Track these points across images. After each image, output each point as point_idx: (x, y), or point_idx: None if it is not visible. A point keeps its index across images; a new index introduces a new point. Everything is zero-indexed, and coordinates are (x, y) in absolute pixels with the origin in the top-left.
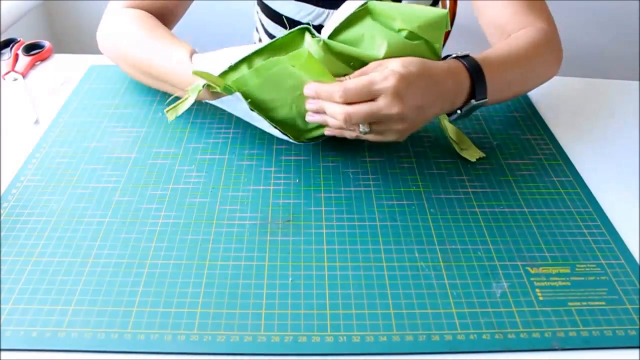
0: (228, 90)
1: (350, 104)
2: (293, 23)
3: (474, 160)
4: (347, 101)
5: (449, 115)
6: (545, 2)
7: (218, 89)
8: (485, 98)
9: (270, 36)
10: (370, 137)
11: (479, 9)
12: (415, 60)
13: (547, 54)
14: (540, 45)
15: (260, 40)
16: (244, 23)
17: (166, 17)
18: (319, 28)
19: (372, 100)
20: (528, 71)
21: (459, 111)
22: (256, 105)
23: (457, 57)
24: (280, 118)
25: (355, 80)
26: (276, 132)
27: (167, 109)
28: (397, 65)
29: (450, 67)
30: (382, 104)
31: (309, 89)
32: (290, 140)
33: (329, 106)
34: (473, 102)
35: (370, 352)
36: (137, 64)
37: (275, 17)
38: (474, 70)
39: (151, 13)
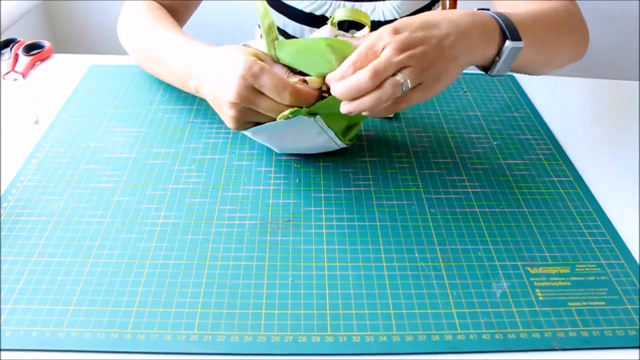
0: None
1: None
2: (295, 12)
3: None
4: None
5: (487, 69)
6: None
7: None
8: (521, 41)
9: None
10: (415, 95)
11: (504, 6)
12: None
13: (574, 28)
14: (566, 19)
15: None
16: (246, 20)
17: (177, 13)
18: (321, 18)
19: None
20: (557, 36)
21: (497, 58)
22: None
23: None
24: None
25: (356, 51)
26: (305, 148)
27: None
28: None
29: (470, 11)
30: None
31: (329, 81)
32: (334, 145)
33: (351, 79)
34: (508, 43)
35: (370, 352)
36: (142, 48)
37: (279, 6)
38: (499, 15)
39: (164, 8)
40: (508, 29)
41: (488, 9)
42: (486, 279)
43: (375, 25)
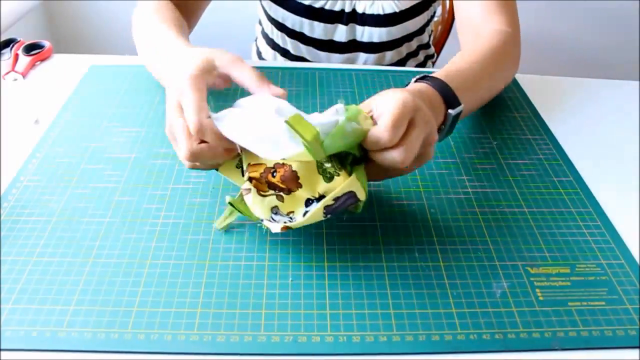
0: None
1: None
2: (294, 5)
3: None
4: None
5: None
6: (515, 2)
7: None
8: (460, 105)
9: (273, 21)
10: (416, 165)
11: (456, 7)
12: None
13: (508, 61)
14: (502, 53)
15: (262, 30)
16: (246, 19)
17: (188, 11)
18: (320, 11)
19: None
20: (494, 76)
21: (442, 126)
22: None
23: (417, 80)
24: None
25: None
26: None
27: (217, 221)
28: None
29: (420, 90)
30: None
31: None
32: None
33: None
34: (450, 112)
35: (370, 352)
36: (142, 45)
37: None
38: (439, 85)
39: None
40: (448, 97)
41: (425, 76)
42: (486, 279)
43: (374, 19)
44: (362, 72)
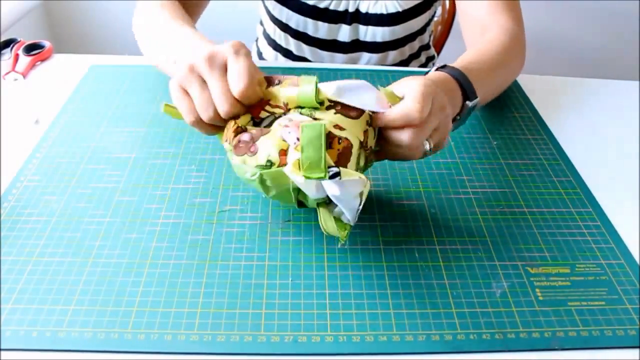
0: None
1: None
2: (299, 5)
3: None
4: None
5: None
6: (519, 2)
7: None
8: (477, 98)
9: (276, 22)
10: (431, 152)
11: (459, 6)
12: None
13: (516, 57)
14: (509, 49)
15: (264, 30)
16: (246, 19)
17: (189, 10)
18: (324, 11)
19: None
20: (503, 72)
21: (458, 117)
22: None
23: (437, 69)
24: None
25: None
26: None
27: (167, 105)
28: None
29: (439, 78)
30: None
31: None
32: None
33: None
34: (468, 103)
35: (370, 352)
36: (149, 35)
37: None
38: (459, 75)
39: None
40: (466, 88)
41: (445, 66)
42: (486, 279)
43: (378, 18)
44: (364, 72)
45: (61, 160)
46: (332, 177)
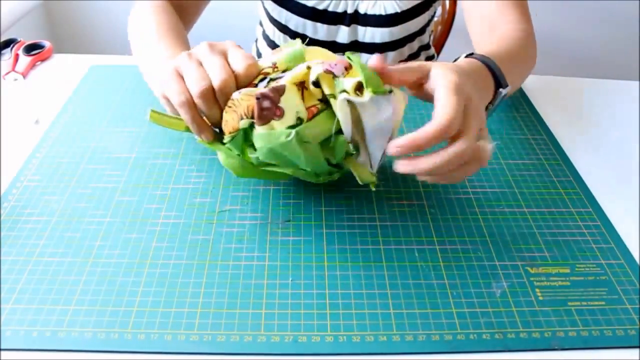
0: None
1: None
2: (298, 7)
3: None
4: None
5: None
6: (527, 2)
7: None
8: (508, 85)
9: (275, 23)
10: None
11: (467, 5)
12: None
13: (530, 52)
14: (525, 45)
15: (263, 31)
16: (246, 20)
17: (187, 13)
18: (323, 13)
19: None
20: (522, 65)
21: (490, 105)
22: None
23: (467, 56)
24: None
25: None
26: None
27: (153, 111)
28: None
29: (471, 67)
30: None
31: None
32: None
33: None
34: (502, 91)
35: (370, 352)
36: (136, 41)
37: (281, 1)
38: (490, 62)
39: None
40: (499, 76)
41: (472, 53)
42: (486, 279)
43: (376, 19)
44: None
45: (61, 160)
46: (389, 92)
